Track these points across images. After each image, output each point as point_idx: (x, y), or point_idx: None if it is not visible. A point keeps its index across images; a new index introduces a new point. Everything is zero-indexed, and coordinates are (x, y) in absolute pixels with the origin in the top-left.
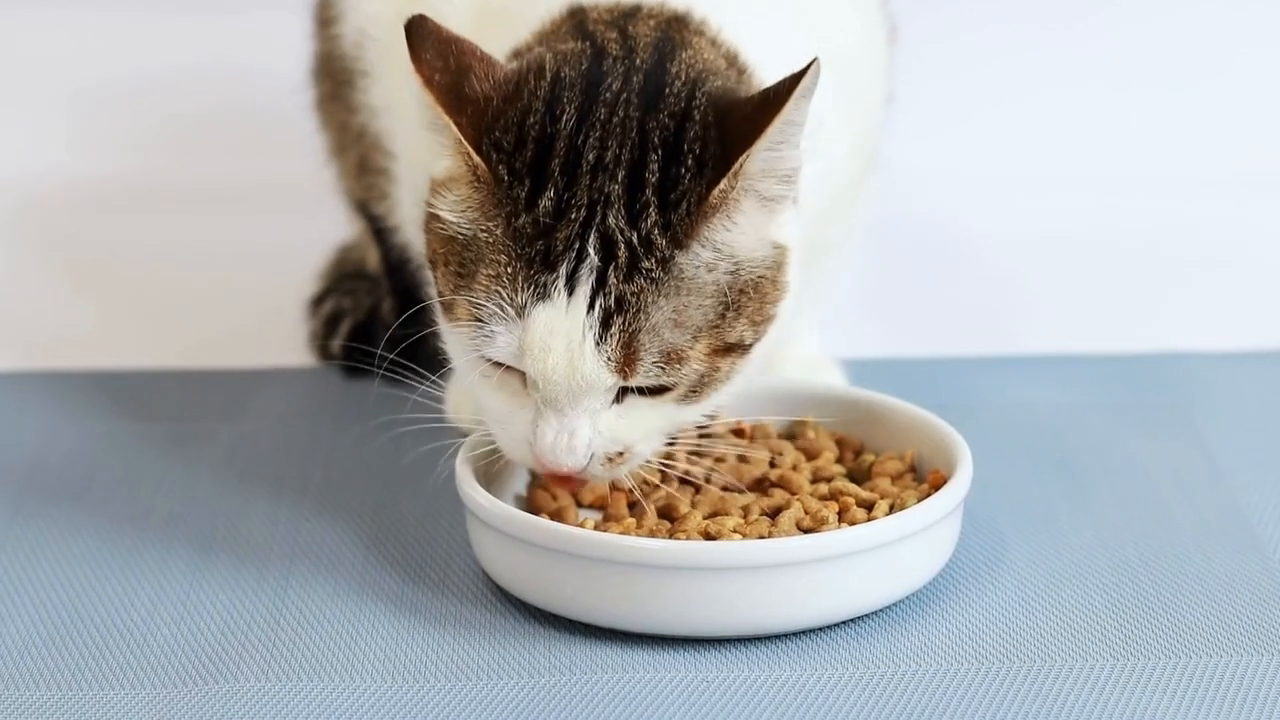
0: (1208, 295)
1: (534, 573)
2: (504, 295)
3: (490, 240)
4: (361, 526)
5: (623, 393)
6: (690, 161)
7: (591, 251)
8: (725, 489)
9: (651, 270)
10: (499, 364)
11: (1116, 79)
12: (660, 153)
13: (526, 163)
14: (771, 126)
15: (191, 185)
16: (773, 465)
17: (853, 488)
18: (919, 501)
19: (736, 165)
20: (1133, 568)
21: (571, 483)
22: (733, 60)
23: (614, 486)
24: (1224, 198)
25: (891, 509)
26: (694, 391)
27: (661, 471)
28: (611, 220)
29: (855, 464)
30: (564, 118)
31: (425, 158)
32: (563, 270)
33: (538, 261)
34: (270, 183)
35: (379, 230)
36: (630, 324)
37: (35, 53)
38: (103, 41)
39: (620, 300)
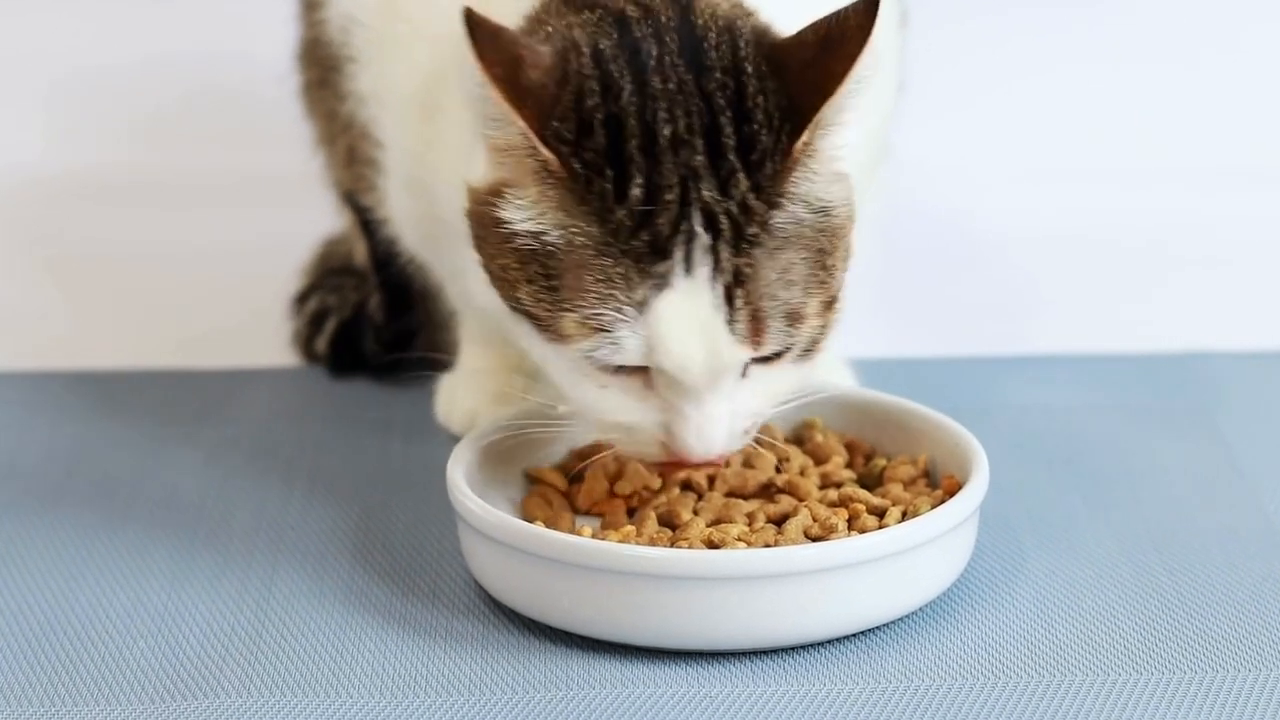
0: (1230, 293)
1: (529, 583)
2: (620, 296)
3: (587, 243)
4: (348, 533)
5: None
6: (760, 117)
7: (699, 229)
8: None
9: (757, 236)
10: (618, 370)
11: (1131, 72)
12: (730, 113)
13: (600, 151)
14: (854, 69)
15: (171, 178)
16: (779, 470)
17: (863, 494)
18: (933, 508)
19: (818, 115)
20: (1155, 576)
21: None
22: (736, 3)
23: (613, 493)
24: (1247, 192)
25: (904, 516)
26: (808, 350)
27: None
28: (705, 193)
29: (866, 469)
30: (623, 95)
31: (414, 147)
32: (678, 255)
33: (647, 252)
34: (253, 175)
35: (367, 222)
36: (751, 293)
37: (10, 42)
38: (79, 29)
39: (737, 272)
